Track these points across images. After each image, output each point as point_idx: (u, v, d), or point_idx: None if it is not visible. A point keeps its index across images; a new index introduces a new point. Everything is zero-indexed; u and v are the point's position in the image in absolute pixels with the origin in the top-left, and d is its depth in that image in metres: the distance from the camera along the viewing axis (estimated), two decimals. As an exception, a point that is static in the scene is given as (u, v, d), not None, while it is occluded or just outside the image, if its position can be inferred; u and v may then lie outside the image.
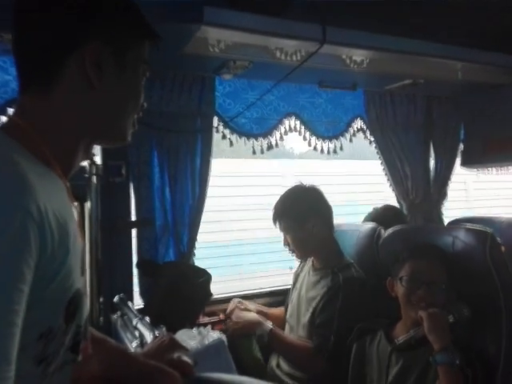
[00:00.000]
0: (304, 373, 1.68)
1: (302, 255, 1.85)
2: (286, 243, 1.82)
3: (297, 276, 1.96)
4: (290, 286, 1.99)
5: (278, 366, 1.79)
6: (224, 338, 1.22)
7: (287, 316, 1.88)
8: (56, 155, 0.66)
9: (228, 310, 1.86)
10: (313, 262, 1.86)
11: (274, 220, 1.81)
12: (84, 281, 0.68)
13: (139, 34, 0.74)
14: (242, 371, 1.39)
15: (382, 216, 2.06)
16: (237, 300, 1.90)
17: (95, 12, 0.68)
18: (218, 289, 1.93)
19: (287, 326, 1.86)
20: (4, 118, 1.61)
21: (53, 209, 0.57)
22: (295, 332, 1.79)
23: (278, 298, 2.10)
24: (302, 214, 1.75)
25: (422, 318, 1.31)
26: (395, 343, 1.37)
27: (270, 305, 2.08)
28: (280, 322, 1.90)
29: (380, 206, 2.24)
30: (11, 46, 0.69)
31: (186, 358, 0.79)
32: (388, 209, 2.20)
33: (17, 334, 0.51)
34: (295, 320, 1.81)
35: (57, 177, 0.66)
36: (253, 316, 1.79)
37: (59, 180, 0.66)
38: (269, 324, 1.73)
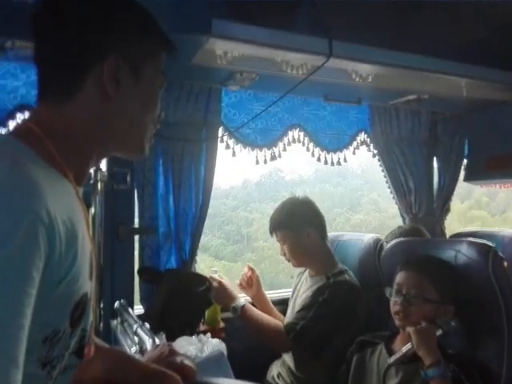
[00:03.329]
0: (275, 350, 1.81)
1: (299, 263, 1.91)
2: (283, 253, 1.88)
3: (294, 289, 1.99)
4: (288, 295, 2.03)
5: (279, 375, 1.79)
6: (224, 347, 1.22)
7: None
8: (68, 162, 0.67)
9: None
10: (309, 271, 1.91)
11: (271, 231, 1.89)
12: (92, 285, 0.68)
13: (157, 46, 0.75)
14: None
15: (403, 235, 2.02)
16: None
17: (114, 25, 0.69)
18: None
19: None
20: (13, 123, 1.63)
21: (62, 213, 0.58)
22: None
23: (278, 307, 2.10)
24: (297, 223, 1.82)
25: (409, 335, 1.32)
26: (389, 363, 1.36)
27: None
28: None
29: (406, 225, 2.25)
30: (33, 53, 0.70)
31: (187, 362, 0.79)
32: (413, 229, 2.17)
33: (25, 337, 0.51)
34: None
35: (68, 182, 0.66)
36: (232, 290, 1.85)
37: (70, 185, 0.67)
38: (243, 300, 1.81)
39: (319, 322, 1.64)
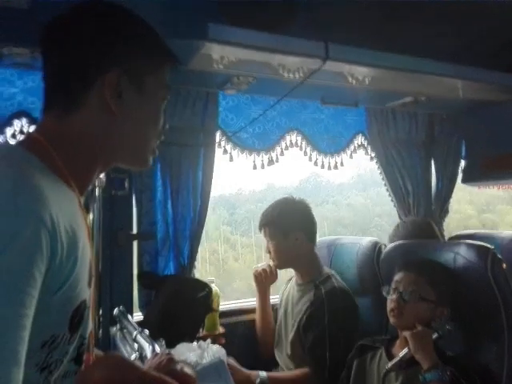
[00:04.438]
0: None
1: (281, 265, 1.86)
2: (268, 250, 1.84)
3: (282, 295, 1.96)
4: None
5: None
6: (224, 353, 1.21)
7: (276, 334, 1.88)
8: (72, 172, 0.68)
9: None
10: (296, 279, 1.86)
11: (260, 226, 1.85)
12: (90, 293, 0.69)
13: (159, 59, 0.76)
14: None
15: (412, 230, 1.99)
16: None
17: (114, 41, 0.70)
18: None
19: (275, 344, 1.87)
20: (10, 130, 1.63)
21: (64, 220, 0.59)
22: (283, 349, 1.79)
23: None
24: (288, 224, 1.78)
25: (406, 339, 1.32)
26: (387, 368, 1.36)
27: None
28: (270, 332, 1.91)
29: (408, 219, 2.24)
30: (41, 65, 0.71)
31: (187, 370, 0.78)
32: (424, 222, 2.14)
33: (27, 338, 0.52)
34: (283, 338, 1.82)
35: (70, 191, 0.68)
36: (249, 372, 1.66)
37: (73, 194, 0.68)
38: (262, 372, 1.65)
39: (337, 345, 1.59)
